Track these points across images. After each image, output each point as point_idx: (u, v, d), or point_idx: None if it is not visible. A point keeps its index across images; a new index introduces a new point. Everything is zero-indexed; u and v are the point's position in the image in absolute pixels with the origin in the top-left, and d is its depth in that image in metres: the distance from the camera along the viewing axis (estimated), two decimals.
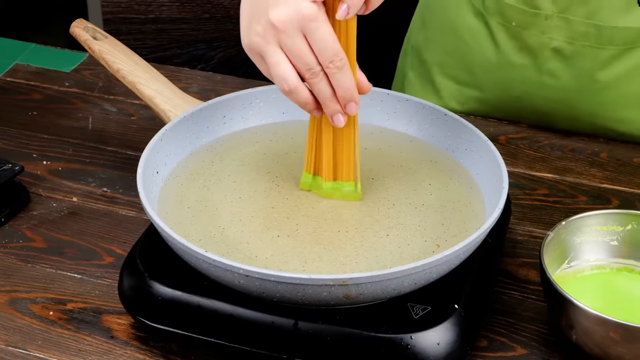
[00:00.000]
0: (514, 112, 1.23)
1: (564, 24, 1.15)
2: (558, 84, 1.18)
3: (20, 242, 1.02)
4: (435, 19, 1.27)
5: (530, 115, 1.22)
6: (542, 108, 1.21)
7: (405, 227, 0.90)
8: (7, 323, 0.92)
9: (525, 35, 1.17)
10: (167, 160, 0.97)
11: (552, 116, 1.21)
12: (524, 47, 1.18)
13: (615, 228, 0.93)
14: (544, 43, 1.17)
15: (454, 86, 1.26)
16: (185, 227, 0.90)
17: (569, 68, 1.17)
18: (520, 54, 1.19)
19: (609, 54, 1.15)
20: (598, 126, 1.20)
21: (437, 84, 1.28)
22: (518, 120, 1.23)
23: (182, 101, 1.02)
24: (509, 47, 1.19)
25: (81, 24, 1.08)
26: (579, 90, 1.18)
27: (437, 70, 1.27)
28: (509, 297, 0.95)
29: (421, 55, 1.30)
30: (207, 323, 0.85)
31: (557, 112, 1.21)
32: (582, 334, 0.84)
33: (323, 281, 0.79)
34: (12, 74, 1.31)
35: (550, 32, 1.16)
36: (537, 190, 1.11)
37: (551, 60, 1.17)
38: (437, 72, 1.27)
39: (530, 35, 1.17)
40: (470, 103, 1.26)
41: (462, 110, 1.26)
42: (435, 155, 1.00)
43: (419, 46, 1.30)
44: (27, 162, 1.12)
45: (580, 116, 1.20)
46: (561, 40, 1.16)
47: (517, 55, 1.19)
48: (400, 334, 0.82)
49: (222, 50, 1.94)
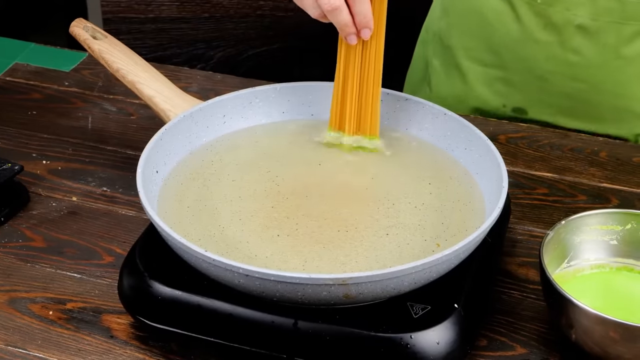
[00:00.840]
0: (538, 93, 1.24)
1: (588, 1, 1.15)
2: (582, 61, 1.19)
3: (19, 241, 1.02)
4: (456, 5, 1.29)
5: (554, 99, 1.23)
6: (566, 89, 1.22)
7: (405, 227, 0.90)
8: (7, 323, 0.92)
9: (550, 12, 1.18)
10: (167, 160, 0.97)
11: (575, 99, 1.22)
12: (548, 24, 1.19)
13: (615, 227, 0.93)
14: (569, 20, 1.18)
15: (480, 68, 1.28)
16: (185, 227, 0.90)
17: (593, 45, 1.18)
18: (544, 31, 1.20)
19: (632, 30, 1.16)
20: (621, 108, 1.21)
21: (462, 68, 1.30)
22: (541, 106, 1.24)
23: (181, 101, 1.02)
24: (534, 25, 1.20)
25: (81, 23, 1.08)
26: (603, 67, 1.19)
27: (462, 55, 1.29)
28: (509, 296, 0.95)
29: (445, 41, 1.31)
30: (206, 322, 0.85)
31: (581, 94, 1.21)
32: (581, 333, 0.84)
33: (323, 280, 0.79)
34: (12, 74, 1.31)
35: (575, 9, 1.17)
36: (537, 190, 1.11)
37: (575, 37, 1.18)
38: (463, 56, 1.29)
39: (555, 12, 1.18)
40: (496, 84, 1.27)
41: (489, 92, 1.27)
42: (435, 155, 1.00)
43: (441, 34, 1.32)
44: (27, 161, 1.12)
45: (603, 98, 1.21)
46: (585, 17, 1.17)
47: (542, 32, 1.20)
48: (400, 333, 0.82)
49: (222, 49, 1.94)
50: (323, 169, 0.98)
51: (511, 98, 1.27)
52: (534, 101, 1.25)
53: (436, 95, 1.33)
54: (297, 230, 0.89)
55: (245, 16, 1.89)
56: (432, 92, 1.35)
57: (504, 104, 1.28)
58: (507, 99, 1.28)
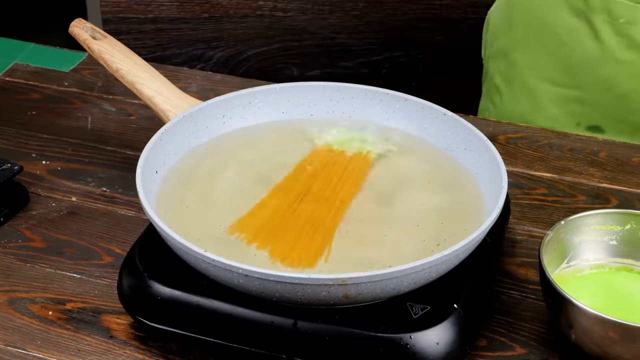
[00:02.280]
0: (616, 111, 1.22)
1: None
2: None
3: (19, 241, 1.02)
4: (523, 19, 1.25)
5: (633, 117, 1.21)
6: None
7: (404, 227, 0.90)
8: (6, 323, 0.92)
9: (633, 32, 1.17)
10: (167, 160, 0.97)
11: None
12: (632, 43, 1.18)
13: (615, 227, 0.93)
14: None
15: (551, 88, 1.25)
16: (185, 227, 0.90)
17: None
18: (627, 50, 1.18)
19: None
20: None
21: (531, 87, 1.26)
22: (620, 124, 1.22)
23: (181, 101, 1.02)
24: (614, 44, 1.19)
25: (80, 23, 1.08)
26: None
27: (530, 73, 1.26)
28: (508, 296, 0.95)
29: (510, 58, 1.28)
30: (206, 323, 0.85)
31: None
32: (581, 334, 0.84)
33: (322, 281, 0.79)
34: (11, 74, 1.31)
35: None
36: (536, 190, 1.11)
37: None
38: (531, 75, 1.26)
39: (638, 31, 1.16)
40: (570, 104, 1.24)
41: (561, 112, 1.24)
42: (435, 155, 1.00)
43: (506, 49, 1.28)
44: (26, 161, 1.12)
45: None
46: None
47: (624, 51, 1.19)
48: (399, 333, 0.82)
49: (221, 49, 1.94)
50: (322, 169, 0.98)
51: (586, 117, 1.24)
52: (612, 120, 1.23)
53: (500, 114, 1.30)
54: (297, 230, 0.89)
55: (245, 16, 1.89)
56: (496, 109, 1.31)
57: (577, 123, 1.25)
58: (581, 118, 1.25)
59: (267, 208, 0.92)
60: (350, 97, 1.05)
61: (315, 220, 0.90)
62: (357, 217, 0.91)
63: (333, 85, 1.05)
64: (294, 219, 0.90)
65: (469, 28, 1.83)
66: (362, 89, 1.05)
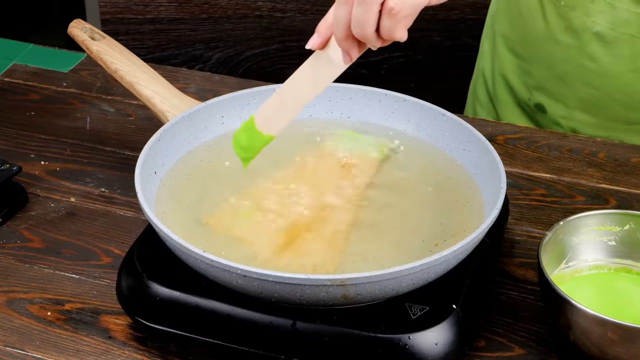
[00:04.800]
0: (555, 93, 1.25)
1: (608, 9, 1.16)
2: (598, 68, 1.20)
3: (18, 242, 1.02)
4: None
5: (569, 102, 1.23)
6: (580, 93, 1.22)
7: (403, 227, 0.90)
8: (5, 323, 0.92)
9: (571, 16, 1.18)
10: (165, 161, 0.97)
11: (588, 104, 1.22)
12: (569, 27, 1.19)
13: (613, 228, 0.93)
14: (587, 26, 1.18)
15: (514, 59, 1.29)
16: (183, 227, 0.90)
17: (609, 54, 1.18)
18: (565, 34, 1.20)
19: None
20: (632, 121, 1.21)
21: (500, 56, 1.31)
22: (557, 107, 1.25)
23: (180, 101, 1.02)
24: (556, 25, 1.21)
25: (79, 24, 1.08)
26: (616, 77, 1.19)
27: (501, 42, 1.31)
28: (507, 297, 0.95)
29: (493, 25, 1.34)
30: (205, 323, 0.85)
31: (593, 100, 1.22)
32: (579, 334, 0.84)
33: (321, 281, 0.79)
34: (10, 74, 1.31)
35: (595, 16, 1.17)
36: (535, 191, 1.11)
37: (592, 43, 1.19)
38: (502, 44, 1.31)
39: (576, 17, 1.18)
40: (524, 76, 1.28)
41: (519, 82, 1.29)
42: (434, 155, 1.00)
43: (493, 15, 1.34)
44: (25, 162, 1.12)
45: (614, 108, 1.21)
46: (604, 25, 1.17)
47: (562, 34, 1.21)
48: (398, 334, 0.82)
49: (220, 50, 1.94)
50: (321, 170, 0.98)
51: (534, 93, 1.28)
52: (552, 100, 1.25)
53: (482, 73, 1.36)
54: (296, 230, 0.89)
55: (244, 17, 1.89)
56: (479, 69, 1.38)
57: (529, 98, 1.29)
58: (531, 94, 1.28)
59: (267, 209, 0.92)
60: (349, 98, 1.05)
61: (314, 221, 0.90)
62: (356, 217, 0.91)
63: (332, 85, 1.05)
64: (293, 220, 0.91)
65: (468, 28, 1.83)
66: (361, 90, 1.05)
